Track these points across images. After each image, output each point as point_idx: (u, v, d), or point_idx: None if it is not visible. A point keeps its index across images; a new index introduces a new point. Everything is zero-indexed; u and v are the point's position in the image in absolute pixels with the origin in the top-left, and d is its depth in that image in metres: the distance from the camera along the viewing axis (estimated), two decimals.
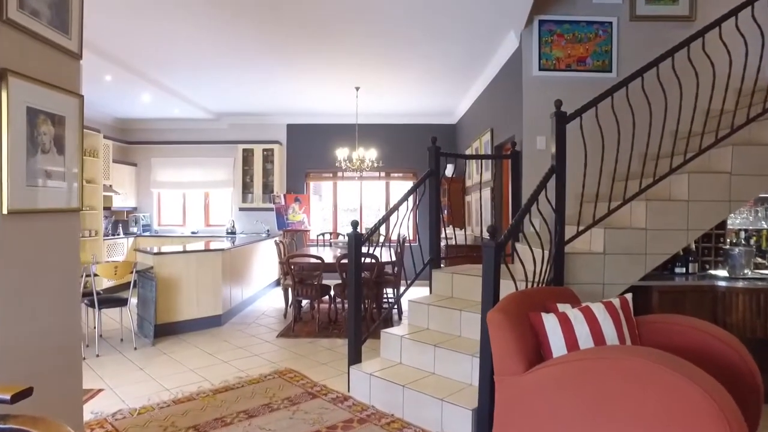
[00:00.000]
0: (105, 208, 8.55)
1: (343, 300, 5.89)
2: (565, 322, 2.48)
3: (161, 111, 8.81)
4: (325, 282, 6.09)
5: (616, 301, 2.65)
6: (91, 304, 5.02)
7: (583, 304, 2.65)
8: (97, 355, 4.91)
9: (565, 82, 4.74)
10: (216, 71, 6.64)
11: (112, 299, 5.26)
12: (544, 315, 2.54)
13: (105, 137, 8.44)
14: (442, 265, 4.66)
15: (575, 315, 2.51)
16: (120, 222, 9.21)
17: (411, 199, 4.37)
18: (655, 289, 3.62)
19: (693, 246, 3.96)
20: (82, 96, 2.56)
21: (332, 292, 6.18)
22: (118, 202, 8.97)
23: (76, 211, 2.56)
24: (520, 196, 4.90)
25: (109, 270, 4.96)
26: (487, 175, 6.40)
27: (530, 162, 4.84)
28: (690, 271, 3.92)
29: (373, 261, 5.46)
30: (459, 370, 3.46)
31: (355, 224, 3.77)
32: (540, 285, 3.25)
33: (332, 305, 6.31)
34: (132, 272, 5.15)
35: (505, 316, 2.44)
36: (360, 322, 3.86)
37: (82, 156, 2.58)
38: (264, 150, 9.32)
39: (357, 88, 7.21)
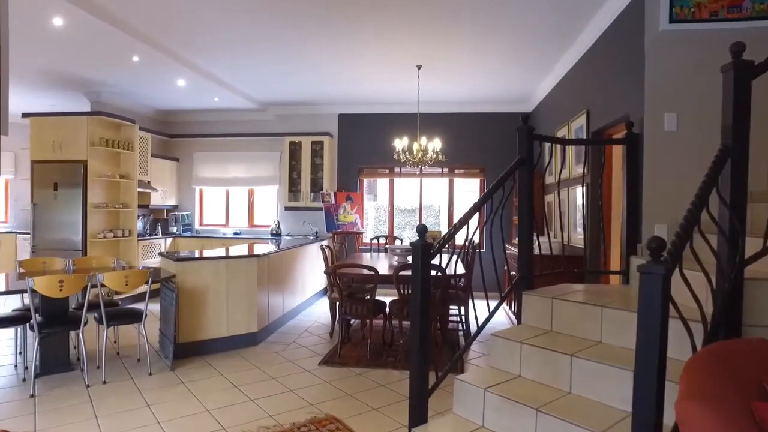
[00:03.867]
0: (142, 206, 7.89)
1: (401, 320, 4.82)
2: None
3: (201, 101, 8.05)
4: (379, 296, 5.03)
5: None
6: (100, 320, 4.20)
7: None
8: (104, 382, 4.07)
9: (710, 36, 3.44)
10: (258, 53, 5.76)
11: (124, 314, 4.42)
12: None
13: (142, 129, 7.76)
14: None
15: None
16: (159, 221, 8.55)
17: (479, 197, 3.23)
18: None
19: None
20: None
21: (387, 309, 5.11)
22: (157, 200, 8.30)
23: None
24: (638, 193, 3.65)
25: (119, 279, 4.11)
26: (581, 169, 5.15)
27: (655, 148, 3.57)
28: None
29: (439, 274, 4.34)
30: None
31: (422, 230, 2.67)
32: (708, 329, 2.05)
33: (388, 323, 5.24)
34: (147, 282, 4.28)
35: (718, 414, 1.28)
36: (426, 372, 2.76)
37: None
38: (313, 143, 8.39)
39: (419, 67, 6.12)
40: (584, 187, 4.20)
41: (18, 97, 7.72)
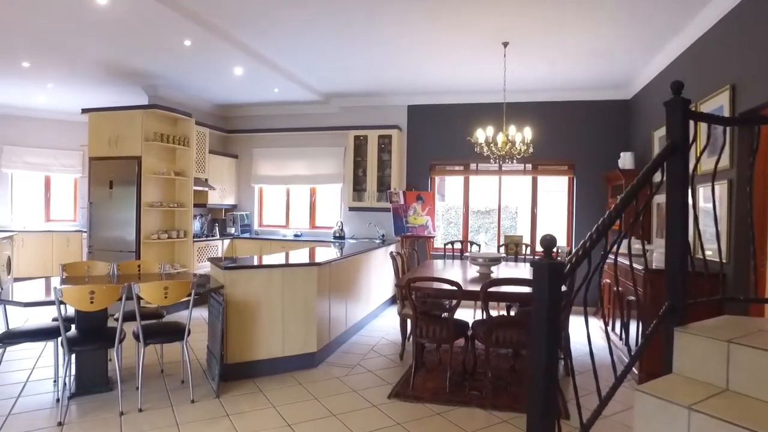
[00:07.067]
0: (199, 205, 7.44)
1: (489, 347, 3.95)
2: None
3: (260, 92, 7.50)
4: (458, 314, 4.19)
5: None
6: (137, 336, 3.62)
7: None
8: (140, 410, 3.48)
9: None
10: (320, 35, 5.09)
11: (165, 329, 3.83)
12: None
13: (199, 124, 7.31)
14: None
15: None
16: (217, 221, 8.10)
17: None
18: None
19: None
20: None
21: (470, 331, 4.25)
22: (215, 199, 7.84)
23: None
24: None
25: (157, 291, 3.50)
26: (710, 163, 4.06)
27: None
28: None
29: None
30: None
31: (549, 245, 1.82)
32: None
33: (469, 345, 4.35)
34: (191, 294, 3.67)
35: None
36: None
37: None
38: (380, 137, 7.64)
39: (505, 45, 5.21)
40: (731, 185, 3.17)
41: (81, 92, 7.51)
